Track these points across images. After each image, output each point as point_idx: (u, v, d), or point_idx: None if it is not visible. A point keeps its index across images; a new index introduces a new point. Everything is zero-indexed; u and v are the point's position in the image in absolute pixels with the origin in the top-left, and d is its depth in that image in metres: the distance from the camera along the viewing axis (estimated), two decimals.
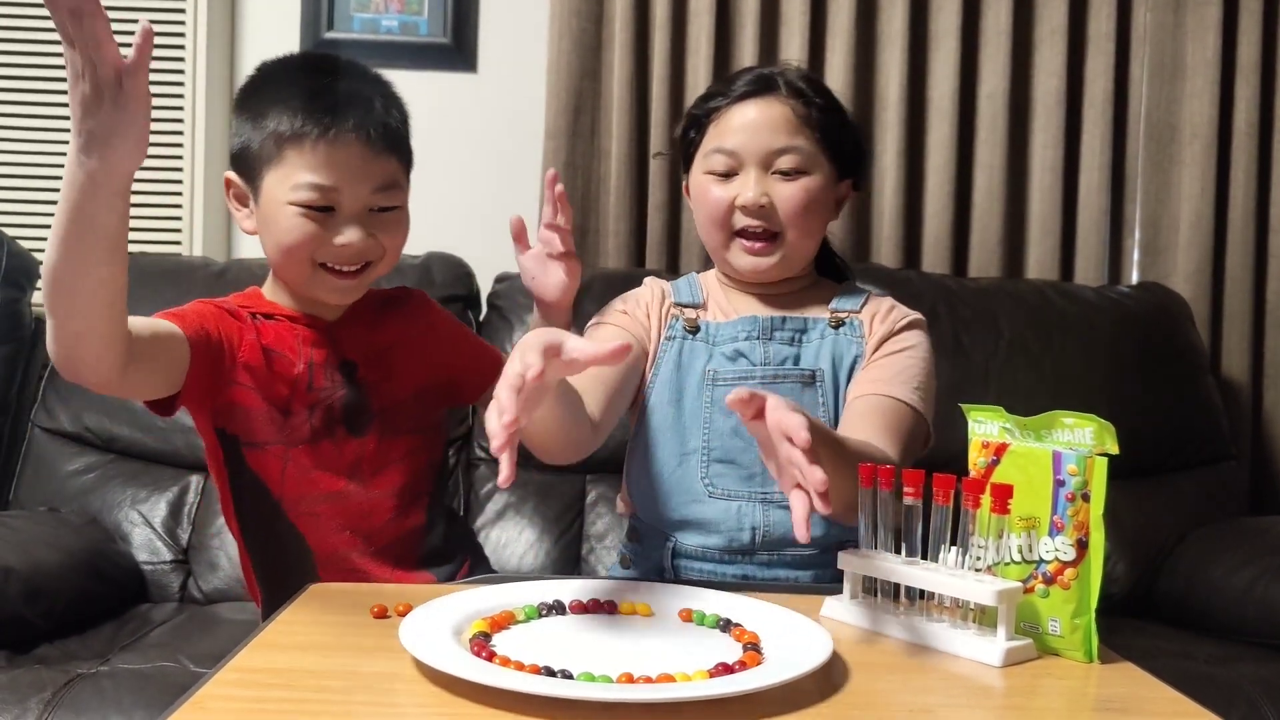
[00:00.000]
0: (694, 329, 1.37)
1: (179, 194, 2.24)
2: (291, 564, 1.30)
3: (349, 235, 1.23)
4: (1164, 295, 2.16)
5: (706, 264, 1.93)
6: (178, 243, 2.24)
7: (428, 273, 2.04)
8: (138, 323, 1.14)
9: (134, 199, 2.23)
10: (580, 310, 2.00)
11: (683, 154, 1.43)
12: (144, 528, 1.85)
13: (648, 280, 1.47)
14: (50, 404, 1.96)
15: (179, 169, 2.24)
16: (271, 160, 1.23)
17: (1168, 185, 2.29)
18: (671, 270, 2.22)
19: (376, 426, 1.32)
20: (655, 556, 1.35)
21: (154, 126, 2.36)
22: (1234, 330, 2.27)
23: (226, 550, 1.83)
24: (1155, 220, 2.30)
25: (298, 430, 1.29)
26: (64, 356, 1.09)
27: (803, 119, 1.33)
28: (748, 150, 1.33)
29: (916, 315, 1.40)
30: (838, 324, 1.35)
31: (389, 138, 1.26)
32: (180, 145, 2.23)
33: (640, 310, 1.41)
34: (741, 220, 1.34)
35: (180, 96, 2.23)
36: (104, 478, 1.91)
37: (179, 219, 2.24)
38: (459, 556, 1.41)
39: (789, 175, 1.33)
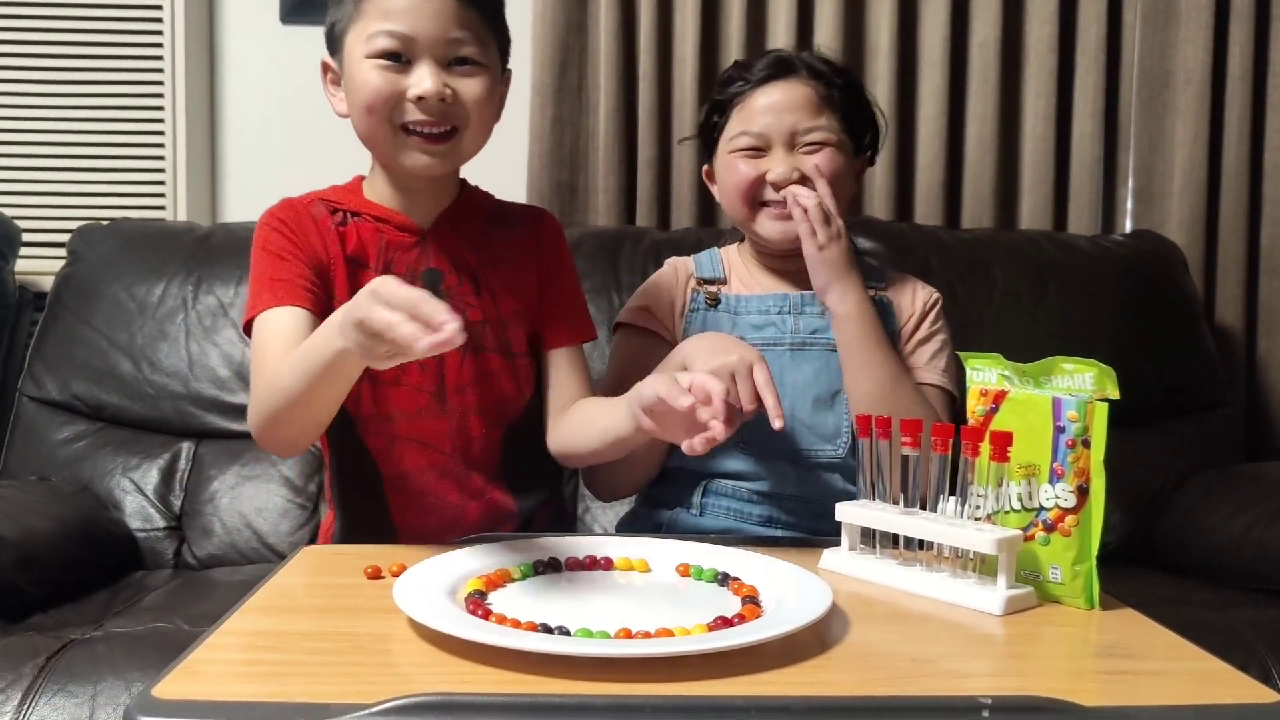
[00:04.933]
0: (714, 302, 1.43)
1: (161, 157, 2.21)
2: (361, 486, 1.30)
3: (422, 81, 1.19)
4: (1158, 243, 2.14)
5: (699, 220, 1.92)
6: (161, 207, 2.21)
7: None
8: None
9: (116, 164, 2.23)
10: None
11: (705, 139, 1.48)
12: (136, 495, 1.84)
13: (668, 262, 1.51)
14: (37, 372, 1.93)
15: (160, 131, 2.20)
16: (351, 20, 1.22)
17: (1161, 132, 2.27)
18: (663, 226, 2.19)
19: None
20: (685, 496, 1.39)
21: (134, 89, 2.33)
22: (1228, 277, 2.26)
23: (220, 516, 1.82)
24: (1149, 168, 2.28)
25: None
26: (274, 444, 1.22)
27: (824, 99, 1.38)
28: (774, 131, 1.37)
29: (935, 293, 1.47)
30: None
31: None
32: (161, 108, 2.20)
33: (663, 305, 1.44)
34: (771, 194, 1.38)
35: (160, 59, 2.19)
36: (94, 445, 1.90)
37: (162, 183, 2.21)
38: (541, 491, 1.38)
39: (816, 148, 1.37)
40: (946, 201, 2.24)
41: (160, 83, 2.20)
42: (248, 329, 1.24)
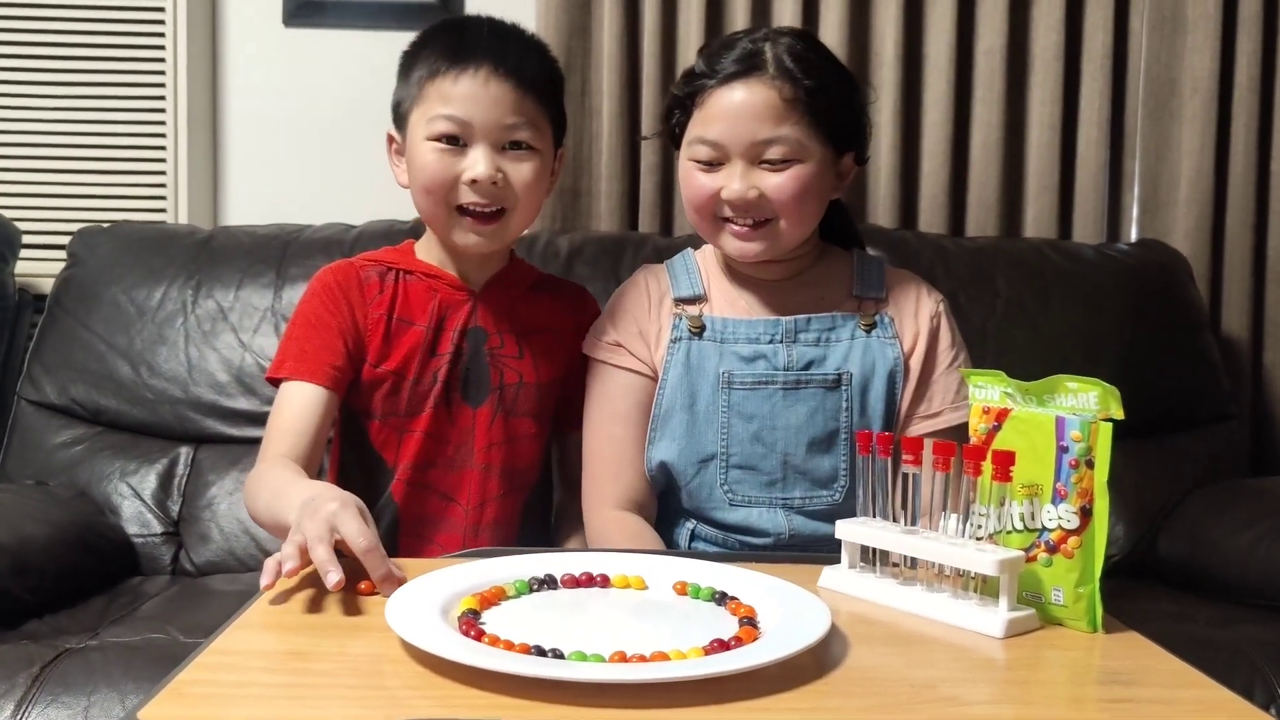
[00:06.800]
0: (699, 329, 1.32)
1: (162, 160, 2.19)
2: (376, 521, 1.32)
3: (476, 164, 1.26)
4: (1163, 252, 2.13)
5: None
6: (162, 210, 2.20)
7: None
8: (302, 447, 1.24)
9: (117, 167, 2.21)
10: (572, 273, 1.97)
11: (670, 135, 1.38)
12: (134, 500, 1.83)
13: (640, 276, 1.41)
14: (36, 376, 1.92)
15: (162, 133, 2.19)
16: (415, 102, 1.29)
17: (1167, 141, 2.26)
18: (665, 232, 2.18)
19: (494, 401, 1.34)
20: (669, 534, 1.34)
21: (135, 91, 2.32)
22: (1234, 287, 2.24)
23: (218, 522, 1.81)
24: (1155, 176, 2.26)
25: (415, 398, 1.32)
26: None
27: (790, 102, 1.25)
28: (732, 141, 1.26)
29: (940, 300, 1.37)
30: (869, 327, 1.32)
31: (524, 77, 1.28)
32: (163, 110, 2.19)
33: (633, 337, 1.35)
34: (728, 211, 1.29)
35: (162, 61, 2.18)
36: (92, 450, 1.88)
37: (163, 185, 2.20)
38: None
39: (778, 165, 1.26)
40: (951, 209, 2.23)
41: (162, 85, 2.19)
42: (274, 382, 1.32)
